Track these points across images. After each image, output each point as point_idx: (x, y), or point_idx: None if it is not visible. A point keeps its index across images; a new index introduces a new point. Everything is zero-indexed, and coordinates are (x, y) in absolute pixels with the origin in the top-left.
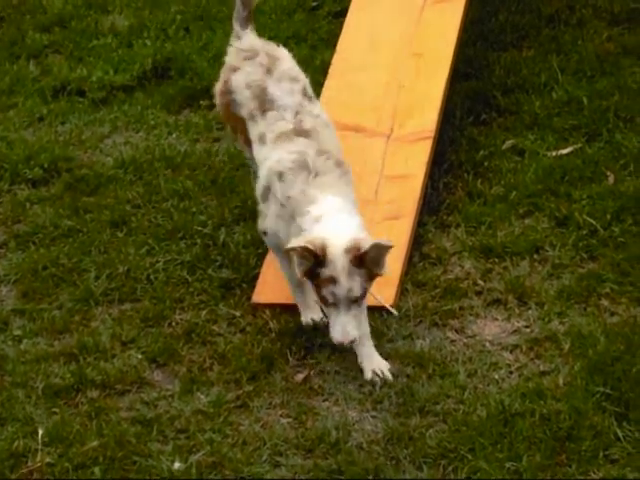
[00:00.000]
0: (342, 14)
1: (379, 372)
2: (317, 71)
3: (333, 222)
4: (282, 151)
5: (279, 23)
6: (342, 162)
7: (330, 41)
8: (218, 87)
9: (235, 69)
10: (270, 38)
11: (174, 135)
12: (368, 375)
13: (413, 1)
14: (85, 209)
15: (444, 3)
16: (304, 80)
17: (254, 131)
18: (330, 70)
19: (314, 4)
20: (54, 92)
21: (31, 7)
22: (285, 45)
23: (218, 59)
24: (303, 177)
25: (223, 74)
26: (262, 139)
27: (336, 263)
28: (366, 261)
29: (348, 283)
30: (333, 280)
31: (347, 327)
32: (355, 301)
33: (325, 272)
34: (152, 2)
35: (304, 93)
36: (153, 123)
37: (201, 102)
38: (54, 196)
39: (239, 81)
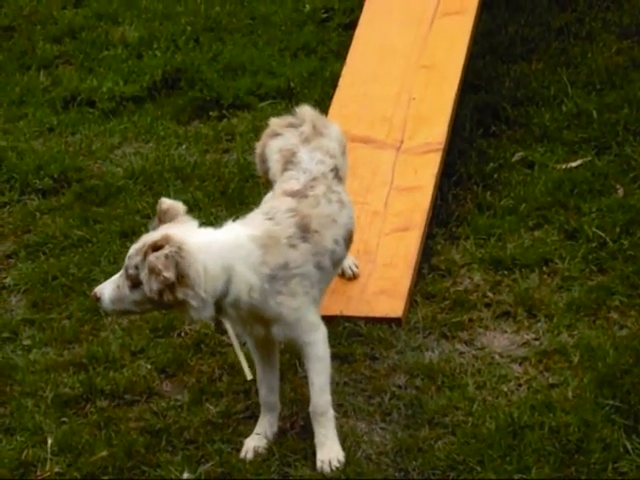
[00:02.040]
0: (352, 26)
1: (332, 465)
2: (327, 83)
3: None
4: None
5: (289, 35)
6: (311, 231)
7: (340, 53)
8: (257, 151)
9: (275, 135)
10: (280, 50)
11: (184, 146)
12: (317, 464)
13: (423, 13)
14: (95, 219)
15: (454, 15)
16: (341, 162)
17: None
18: (340, 82)
19: (324, 16)
20: (64, 103)
21: (42, 18)
22: (295, 57)
23: (228, 70)
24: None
25: (263, 139)
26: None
27: None
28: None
29: None
30: None
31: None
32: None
33: None
34: (162, 13)
35: (335, 172)
36: (163, 134)
37: (211, 113)
38: (64, 206)
39: (273, 147)
